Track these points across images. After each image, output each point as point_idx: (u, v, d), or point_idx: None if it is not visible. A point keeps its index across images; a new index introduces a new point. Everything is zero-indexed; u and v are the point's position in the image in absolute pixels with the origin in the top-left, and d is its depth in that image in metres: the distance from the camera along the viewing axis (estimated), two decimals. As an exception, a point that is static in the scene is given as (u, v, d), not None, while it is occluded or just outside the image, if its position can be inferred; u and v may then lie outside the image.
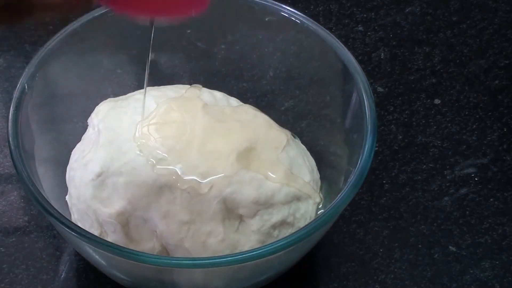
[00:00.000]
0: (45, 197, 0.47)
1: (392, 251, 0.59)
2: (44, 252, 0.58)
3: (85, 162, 0.51)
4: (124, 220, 0.49)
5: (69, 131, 0.56)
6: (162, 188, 0.49)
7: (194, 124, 0.51)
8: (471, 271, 0.58)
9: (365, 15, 0.74)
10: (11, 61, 0.70)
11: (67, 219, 0.46)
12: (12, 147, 0.49)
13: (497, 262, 0.59)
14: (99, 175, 0.50)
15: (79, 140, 0.55)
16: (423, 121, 0.66)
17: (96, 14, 0.56)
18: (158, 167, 0.49)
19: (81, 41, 0.55)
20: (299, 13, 0.57)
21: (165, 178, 0.49)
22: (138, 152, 0.50)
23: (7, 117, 0.50)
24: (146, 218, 0.49)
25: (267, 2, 0.57)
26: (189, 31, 0.59)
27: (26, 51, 0.70)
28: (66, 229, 0.46)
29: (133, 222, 0.50)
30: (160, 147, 0.50)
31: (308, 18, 0.57)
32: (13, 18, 0.39)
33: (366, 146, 0.50)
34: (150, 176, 0.49)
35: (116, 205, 0.49)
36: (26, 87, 0.51)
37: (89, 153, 0.51)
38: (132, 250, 0.46)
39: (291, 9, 0.57)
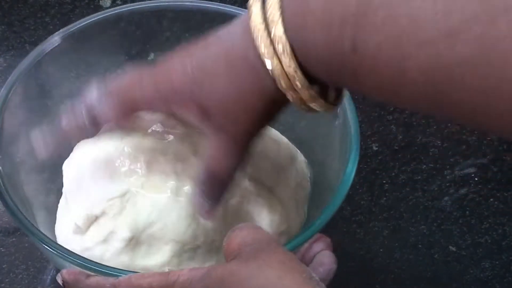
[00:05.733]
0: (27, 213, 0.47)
1: (392, 251, 0.59)
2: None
3: (104, 238, 0.48)
4: (176, 261, 0.48)
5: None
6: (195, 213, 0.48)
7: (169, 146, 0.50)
8: (471, 271, 0.58)
9: (365, 15, 0.74)
10: (11, 61, 0.70)
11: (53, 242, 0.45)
12: None
13: (497, 262, 0.59)
14: (131, 239, 0.48)
15: (78, 141, 0.54)
16: (423, 121, 0.66)
17: (96, 18, 0.55)
18: (177, 198, 0.48)
19: (81, 41, 0.55)
20: None
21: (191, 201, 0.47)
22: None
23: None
24: (195, 246, 0.48)
25: None
26: (188, 32, 0.59)
27: (26, 51, 0.70)
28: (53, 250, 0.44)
29: (185, 256, 0.48)
30: (166, 179, 0.49)
31: None
32: None
33: (348, 167, 0.49)
34: (181, 208, 0.47)
35: (161, 254, 0.48)
36: (16, 87, 0.51)
37: (103, 226, 0.48)
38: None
39: None
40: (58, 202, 0.52)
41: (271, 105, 0.42)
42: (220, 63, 0.41)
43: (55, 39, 0.54)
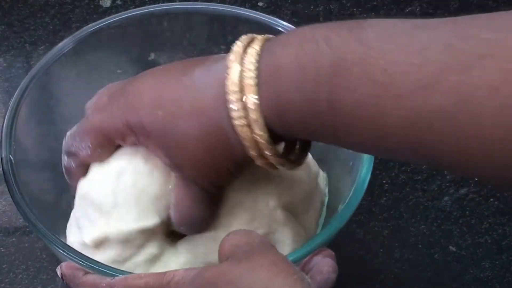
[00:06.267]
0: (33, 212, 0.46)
1: (392, 251, 0.59)
2: (44, 252, 0.58)
3: (123, 259, 0.45)
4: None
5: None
6: None
7: None
8: (471, 271, 0.58)
9: (365, 15, 0.74)
10: (11, 61, 0.70)
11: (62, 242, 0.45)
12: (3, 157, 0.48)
13: (497, 262, 0.59)
14: (156, 255, 0.46)
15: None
16: (423, 121, 0.66)
17: (101, 25, 0.55)
18: None
19: (82, 43, 0.55)
20: (291, 26, 0.56)
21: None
22: None
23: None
24: (207, 262, 0.47)
25: (263, 17, 0.56)
26: (188, 33, 0.59)
27: (26, 51, 0.70)
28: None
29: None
30: None
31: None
32: None
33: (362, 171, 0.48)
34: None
35: (173, 266, 0.46)
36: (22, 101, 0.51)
37: (125, 249, 0.45)
38: None
39: (286, 24, 0.56)
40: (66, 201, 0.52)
41: (242, 163, 0.42)
42: (192, 120, 0.41)
43: (61, 45, 0.54)
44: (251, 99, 0.38)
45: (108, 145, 0.46)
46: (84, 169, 0.47)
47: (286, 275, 0.36)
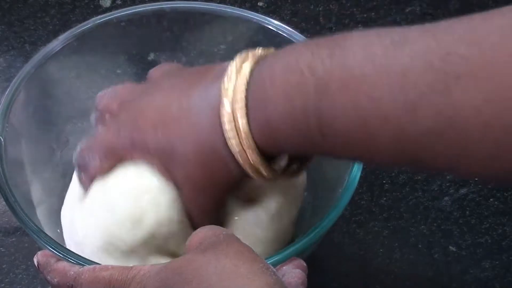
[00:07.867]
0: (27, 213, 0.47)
1: (392, 251, 0.59)
2: (44, 252, 0.58)
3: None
4: None
5: (68, 131, 0.56)
6: None
7: None
8: (471, 271, 0.58)
9: (365, 15, 0.74)
10: (11, 61, 0.70)
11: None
12: None
13: (497, 262, 0.59)
14: None
15: (78, 140, 0.54)
16: (423, 121, 0.66)
17: (98, 22, 0.55)
18: None
19: (81, 42, 0.55)
20: (289, 28, 0.56)
21: None
22: None
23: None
24: None
25: (262, 18, 0.56)
26: (188, 33, 0.59)
27: (26, 51, 0.71)
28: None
29: None
30: None
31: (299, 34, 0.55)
32: None
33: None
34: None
35: None
36: (20, 90, 0.51)
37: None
38: None
39: (282, 24, 0.56)
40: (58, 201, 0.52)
41: (239, 179, 0.44)
42: (189, 143, 0.43)
43: (56, 42, 0.54)
44: (242, 127, 0.41)
45: (116, 159, 0.47)
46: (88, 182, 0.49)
47: (252, 263, 0.36)
